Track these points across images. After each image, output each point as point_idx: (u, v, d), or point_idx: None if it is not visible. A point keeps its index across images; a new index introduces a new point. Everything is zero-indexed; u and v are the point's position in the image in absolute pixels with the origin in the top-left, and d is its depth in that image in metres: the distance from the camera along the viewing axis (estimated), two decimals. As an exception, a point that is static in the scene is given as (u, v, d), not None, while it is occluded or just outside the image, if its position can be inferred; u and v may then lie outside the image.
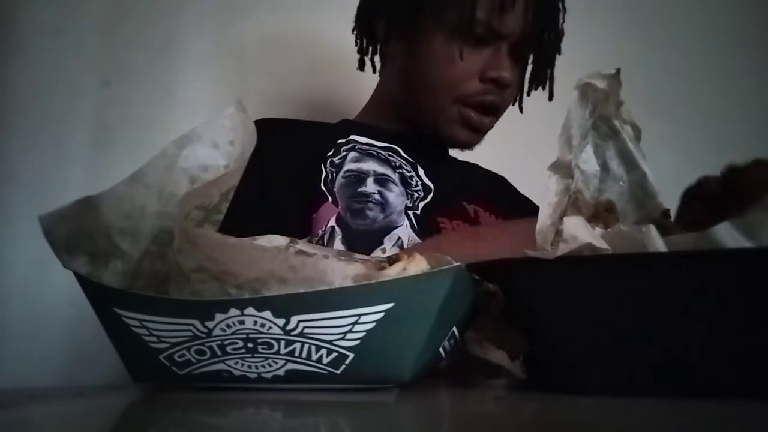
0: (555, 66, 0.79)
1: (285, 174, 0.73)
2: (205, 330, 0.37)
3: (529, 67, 0.80)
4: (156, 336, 0.38)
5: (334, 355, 0.37)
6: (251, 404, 0.35)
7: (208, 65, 1.04)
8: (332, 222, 0.69)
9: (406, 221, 0.72)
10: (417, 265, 0.38)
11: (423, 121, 0.77)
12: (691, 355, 0.32)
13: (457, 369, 0.46)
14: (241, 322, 0.36)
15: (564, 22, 0.78)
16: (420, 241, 0.70)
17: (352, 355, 0.37)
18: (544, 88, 0.80)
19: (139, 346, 0.38)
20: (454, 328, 0.40)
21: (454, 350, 0.42)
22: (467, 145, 0.79)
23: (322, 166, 0.74)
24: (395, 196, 0.74)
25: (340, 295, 0.36)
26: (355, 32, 0.82)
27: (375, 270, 0.38)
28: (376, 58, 0.82)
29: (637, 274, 0.33)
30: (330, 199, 0.72)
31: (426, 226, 0.73)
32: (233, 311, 0.36)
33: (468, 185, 0.82)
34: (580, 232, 0.33)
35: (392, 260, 0.39)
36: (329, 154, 0.75)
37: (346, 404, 0.35)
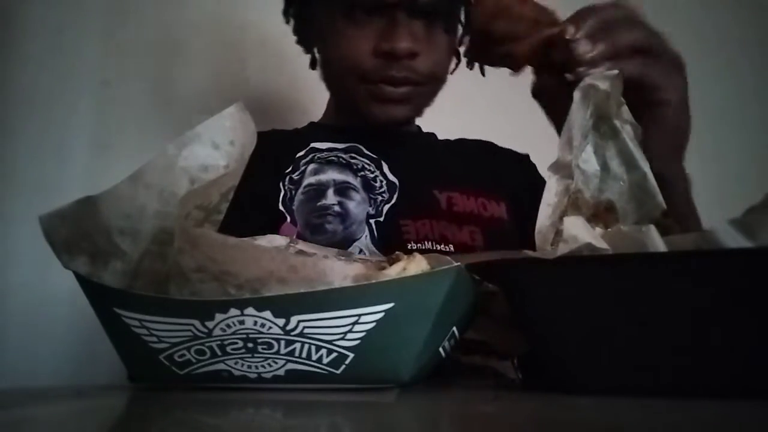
0: (464, 23, 0.74)
1: (246, 193, 0.71)
2: (205, 330, 0.37)
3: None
4: (156, 336, 0.38)
5: (334, 355, 0.37)
6: (251, 404, 0.35)
7: (207, 65, 1.04)
8: None
9: (366, 231, 0.70)
10: (417, 265, 0.38)
11: (351, 108, 0.74)
12: (691, 355, 0.32)
13: (447, 373, 0.45)
14: (241, 322, 0.36)
15: None
16: (378, 252, 0.68)
17: (352, 355, 0.37)
18: (461, 49, 0.75)
19: (139, 346, 0.38)
20: (454, 328, 0.40)
21: (454, 350, 0.42)
22: (395, 121, 0.73)
23: (281, 184, 0.72)
24: (356, 204, 0.71)
25: (340, 295, 0.36)
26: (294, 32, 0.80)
27: (375, 270, 0.38)
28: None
29: (637, 274, 0.33)
30: (288, 218, 0.69)
31: (388, 232, 0.70)
32: (233, 311, 0.36)
33: (441, 171, 0.78)
34: (580, 232, 0.33)
35: (392, 260, 0.39)
36: (288, 171, 0.73)
37: (346, 404, 0.35)
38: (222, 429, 0.28)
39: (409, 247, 0.69)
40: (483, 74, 0.72)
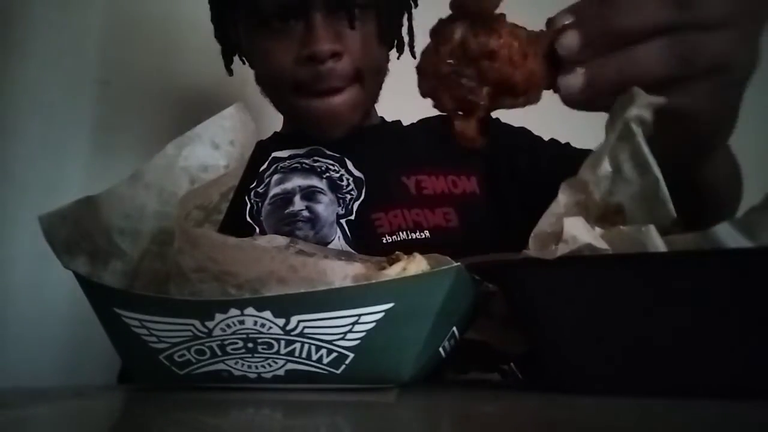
0: (412, 15, 0.73)
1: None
2: (205, 330, 0.37)
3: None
4: (156, 336, 0.38)
5: (334, 355, 0.37)
6: (251, 404, 0.35)
7: (207, 65, 1.04)
8: None
9: (339, 232, 0.69)
10: (417, 265, 0.38)
11: (294, 123, 0.73)
12: (691, 355, 0.32)
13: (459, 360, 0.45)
14: (241, 322, 0.36)
15: None
16: (353, 251, 0.66)
17: (352, 355, 0.37)
18: (399, 48, 0.74)
19: (139, 346, 0.38)
20: (454, 328, 0.41)
21: (454, 350, 0.42)
22: (336, 133, 0.71)
23: (246, 198, 0.71)
24: (324, 206, 0.70)
25: (340, 295, 0.36)
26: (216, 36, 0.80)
27: (375, 270, 0.38)
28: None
29: (637, 274, 0.33)
30: (258, 230, 0.69)
31: (361, 229, 0.69)
32: (233, 311, 0.36)
33: (406, 156, 0.75)
34: (580, 232, 0.33)
35: (392, 260, 0.40)
36: (252, 186, 0.72)
37: (346, 404, 0.35)
38: (222, 429, 0.28)
39: (384, 240, 0.67)
40: None
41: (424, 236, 0.68)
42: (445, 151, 0.74)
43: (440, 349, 0.40)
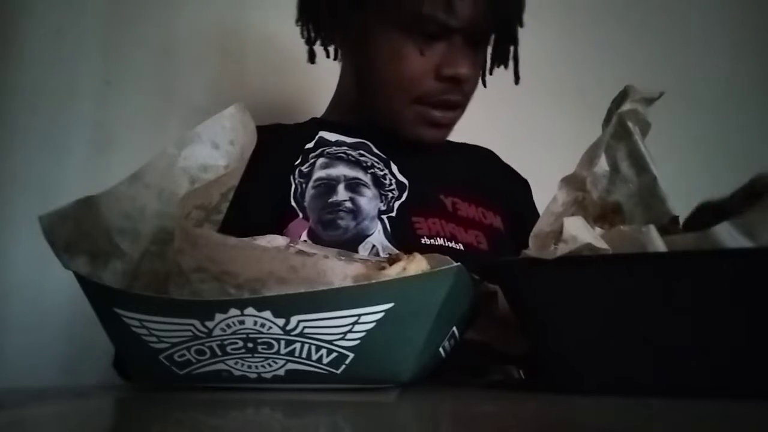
0: (518, 43, 0.75)
1: (254, 188, 0.67)
2: (205, 330, 0.37)
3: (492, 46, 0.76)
4: (156, 336, 0.38)
5: (334, 355, 0.37)
6: (251, 404, 0.35)
7: (207, 65, 1.04)
8: (303, 237, 0.67)
9: (379, 227, 0.70)
10: (417, 265, 0.38)
11: (384, 122, 0.74)
12: (691, 354, 0.32)
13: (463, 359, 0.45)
14: (241, 322, 0.36)
15: None
16: (392, 247, 0.68)
17: (352, 355, 0.37)
18: (506, 67, 0.76)
19: (139, 346, 0.38)
20: (454, 328, 0.41)
21: (454, 350, 0.42)
22: (434, 143, 0.76)
23: (291, 178, 0.71)
24: (367, 200, 0.71)
25: (340, 295, 0.36)
26: (298, 22, 0.78)
27: (375, 270, 0.38)
28: (331, 48, 0.78)
29: (637, 274, 0.33)
30: (301, 214, 0.69)
31: (401, 227, 0.70)
32: (233, 311, 0.36)
33: (446, 176, 0.79)
34: (580, 232, 0.33)
35: (392, 260, 0.39)
36: (297, 163, 0.72)
37: (346, 404, 0.35)
38: (222, 429, 0.28)
39: (422, 242, 0.69)
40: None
41: (459, 248, 0.71)
42: (480, 185, 0.79)
43: (440, 349, 0.40)
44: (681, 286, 0.32)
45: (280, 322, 0.36)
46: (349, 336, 0.36)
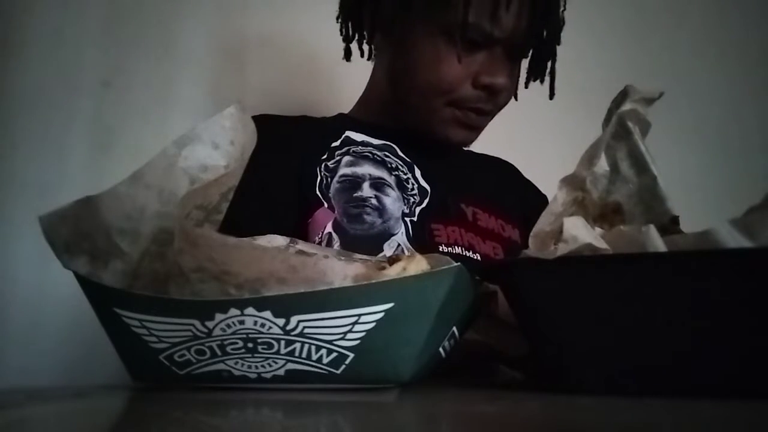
0: (556, 59, 0.76)
1: (278, 176, 0.71)
2: (205, 330, 0.37)
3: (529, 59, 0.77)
4: (156, 336, 0.38)
5: (334, 355, 0.37)
6: (251, 404, 0.35)
7: (207, 65, 1.04)
8: (329, 228, 0.68)
9: (403, 228, 0.71)
10: (417, 265, 0.38)
11: (415, 120, 0.75)
12: (691, 354, 0.32)
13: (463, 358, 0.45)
14: (241, 322, 0.36)
15: (564, 9, 0.74)
16: (414, 250, 0.68)
17: (352, 355, 0.37)
18: (542, 82, 0.77)
19: (139, 346, 0.38)
20: (454, 328, 0.40)
21: (454, 350, 0.42)
22: (463, 144, 0.77)
23: (317, 169, 0.72)
24: (392, 201, 0.72)
25: (340, 295, 0.36)
26: (339, 20, 0.79)
27: (375, 270, 0.38)
28: (365, 47, 0.79)
29: (637, 274, 0.33)
30: (326, 204, 0.70)
31: (420, 233, 0.71)
32: (233, 311, 0.36)
33: (468, 185, 0.80)
34: (580, 232, 0.33)
35: (392, 260, 0.39)
36: (323, 157, 0.73)
37: (346, 404, 0.35)
38: (222, 429, 0.28)
39: (440, 249, 0.70)
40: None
41: (476, 257, 0.71)
42: (500, 197, 0.81)
43: (440, 349, 0.40)
44: (681, 286, 0.32)
45: (280, 322, 0.36)
46: (349, 336, 0.36)
